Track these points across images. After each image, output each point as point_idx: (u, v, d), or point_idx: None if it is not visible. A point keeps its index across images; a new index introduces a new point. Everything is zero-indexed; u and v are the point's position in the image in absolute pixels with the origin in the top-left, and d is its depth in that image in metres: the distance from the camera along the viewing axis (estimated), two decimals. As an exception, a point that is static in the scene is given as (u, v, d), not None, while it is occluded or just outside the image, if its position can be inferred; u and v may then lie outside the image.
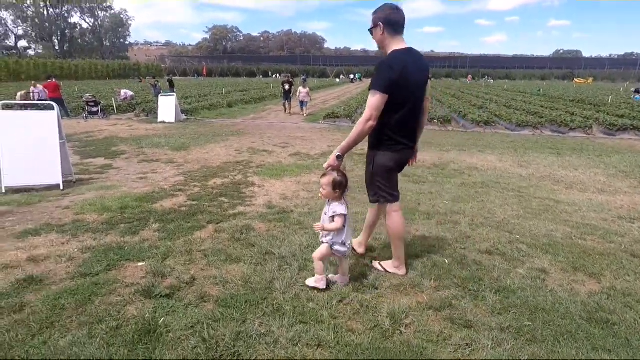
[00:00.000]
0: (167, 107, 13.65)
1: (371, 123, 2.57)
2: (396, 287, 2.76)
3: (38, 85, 14.96)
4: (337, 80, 62.84)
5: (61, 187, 5.30)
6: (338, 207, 2.60)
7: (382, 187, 2.88)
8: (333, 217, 2.60)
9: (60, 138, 5.36)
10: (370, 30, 2.75)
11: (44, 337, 2.08)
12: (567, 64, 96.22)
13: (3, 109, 5.24)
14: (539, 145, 10.37)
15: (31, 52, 74.48)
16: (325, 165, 2.71)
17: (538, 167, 7.39)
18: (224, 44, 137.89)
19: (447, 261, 3.16)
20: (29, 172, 5.18)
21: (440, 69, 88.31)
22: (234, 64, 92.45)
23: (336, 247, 2.63)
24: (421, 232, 3.90)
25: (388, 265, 2.98)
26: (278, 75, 77.94)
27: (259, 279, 2.77)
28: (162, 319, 2.28)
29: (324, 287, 2.64)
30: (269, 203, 4.83)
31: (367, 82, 49.20)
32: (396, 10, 2.65)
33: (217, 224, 4.02)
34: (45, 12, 76.73)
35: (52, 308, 2.34)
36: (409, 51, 2.69)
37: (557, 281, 2.93)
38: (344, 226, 2.60)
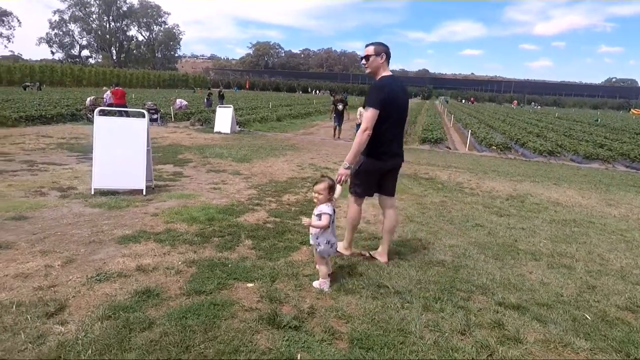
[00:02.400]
0: (224, 118, 13.93)
1: (368, 132, 3.12)
2: (544, 342, 2.43)
3: (108, 91, 15.79)
4: (378, 99, 62.78)
5: (144, 193, 5.35)
6: (325, 208, 2.90)
7: (358, 184, 3.41)
8: (320, 215, 2.89)
9: (147, 145, 5.44)
10: (367, 57, 3.29)
11: (183, 365, 1.93)
12: (621, 93, 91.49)
13: (99, 115, 5.39)
14: (617, 181, 9.64)
15: (91, 61, 79.89)
16: (338, 177, 3.15)
17: (630, 207, 6.78)
18: (266, 59, 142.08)
19: (588, 317, 2.79)
20: (117, 175, 5.27)
21: (483, 92, 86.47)
22: (274, 79, 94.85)
23: (323, 248, 2.90)
24: (536, 275, 3.53)
25: (341, 247, 3.52)
26: (318, 91, 79.07)
27: (386, 318, 2.53)
28: (299, 354, 2.09)
29: (328, 288, 2.89)
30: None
31: (411, 101, 48.84)
32: (389, 49, 3.34)
33: (309, 245, 3.84)
34: (108, 25, 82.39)
35: (181, 329, 2.20)
36: (394, 78, 3.37)
37: None
38: (329, 226, 2.88)
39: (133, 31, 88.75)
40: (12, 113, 14.25)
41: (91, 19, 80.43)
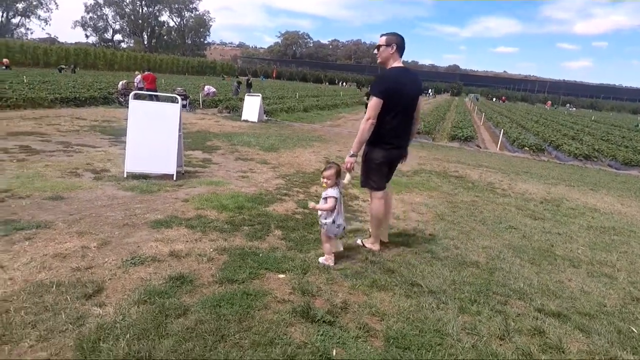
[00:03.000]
0: (252, 106, 13.98)
1: (371, 121, 3.16)
2: (588, 354, 2.31)
3: (138, 75, 16.10)
4: (405, 94, 61.61)
5: (174, 178, 5.41)
6: (332, 191, 3.06)
7: (371, 176, 3.44)
8: (326, 198, 3.06)
9: (179, 130, 5.49)
10: (379, 47, 3.33)
11: (221, 354, 1.92)
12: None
13: (134, 98, 5.47)
14: (659, 189, 9.12)
15: (123, 45, 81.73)
16: (345, 164, 3.22)
17: (675, 217, 6.40)
18: (294, 49, 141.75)
19: (634, 330, 2.64)
20: (149, 160, 5.34)
21: (516, 91, 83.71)
22: (301, 69, 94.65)
23: (329, 228, 3.07)
24: (576, 283, 3.37)
25: (367, 242, 3.59)
26: (345, 83, 78.37)
27: (421, 317, 2.46)
28: (334, 350, 2.05)
29: (332, 264, 3.11)
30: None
31: (440, 97, 47.89)
32: (403, 39, 3.36)
33: (339, 238, 3.79)
34: (140, 10, 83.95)
35: (216, 318, 2.20)
36: (405, 69, 3.37)
37: None
38: (334, 208, 3.03)
39: (164, 17, 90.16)
40: (48, 94, 14.74)
41: (125, 3, 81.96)
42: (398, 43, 3.30)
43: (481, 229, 4.68)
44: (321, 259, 3.17)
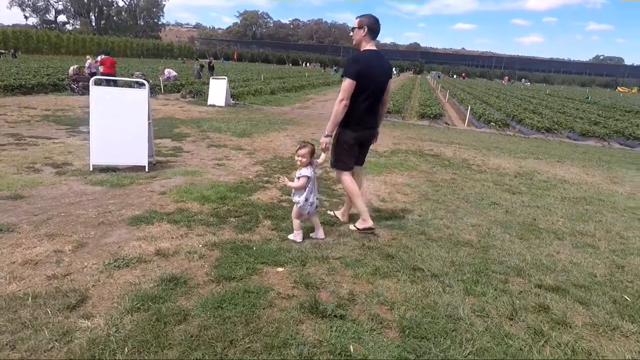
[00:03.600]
0: (218, 90, 13.41)
1: (345, 102, 3.23)
2: (592, 326, 2.35)
3: (89, 60, 14.97)
4: (369, 73, 61.90)
5: (146, 169, 5.06)
6: (305, 171, 3.14)
7: (340, 157, 3.49)
8: (300, 177, 3.14)
9: (148, 118, 5.11)
10: (353, 29, 3.37)
11: (231, 361, 1.77)
12: (608, 71, 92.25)
13: (95, 85, 4.99)
14: (617, 158, 9.68)
15: (69, 27, 75.84)
16: (321, 145, 3.33)
17: (635, 185, 6.79)
18: (254, 29, 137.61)
19: (627, 298, 2.73)
20: (117, 151, 4.95)
21: (474, 67, 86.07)
22: (263, 50, 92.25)
23: (302, 206, 3.14)
24: (564, 255, 3.46)
25: (359, 223, 3.53)
26: (308, 63, 77.29)
27: (430, 303, 2.40)
28: (351, 346, 1.95)
29: (301, 239, 3.20)
30: (371, 204, 4.46)
31: (403, 76, 48.55)
32: (377, 21, 3.35)
33: (331, 225, 3.68)
34: (85, -12, 78.00)
35: (220, 322, 2.03)
36: (377, 53, 3.38)
37: None
38: (306, 186, 3.12)
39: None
40: (-11, 82, 13.43)
41: (68, -19, 75.98)
42: (370, 25, 3.30)
43: (466, 206, 4.72)
44: (290, 236, 3.26)
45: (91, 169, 4.90)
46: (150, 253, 2.80)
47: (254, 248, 3.00)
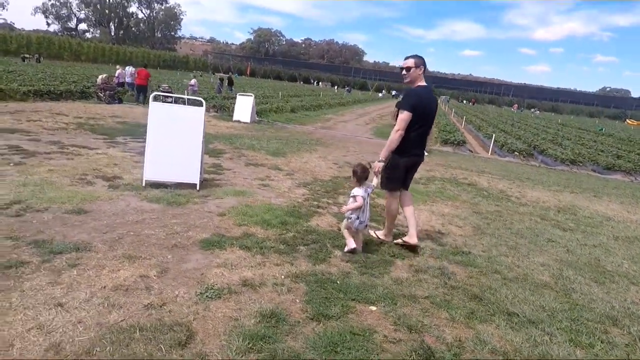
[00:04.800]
0: (244, 107, 13.49)
1: (400, 132, 3.58)
2: None
3: (127, 68, 15.23)
4: (380, 95, 62.57)
5: (197, 188, 5.00)
6: (358, 191, 3.53)
7: (391, 179, 3.82)
8: (355, 197, 3.50)
9: (202, 135, 5.08)
10: (408, 68, 3.72)
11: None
12: (615, 103, 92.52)
13: (154, 100, 4.99)
14: (651, 195, 9.54)
15: (88, 35, 77.46)
16: (374, 169, 3.65)
17: (683, 226, 6.65)
18: (266, 46, 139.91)
19: None
20: (170, 167, 4.90)
21: (483, 94, 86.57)
22: (275, 67, 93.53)
23: (352, 222, 3.49)
24: (649, 303, 3.32)
25: (380, 233, 4.06)
26: (320, 82, 78.15)
27: (542, 353, 2.28)
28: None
29: (354, 246, 3.47)
30: (427, 235, 4.37)
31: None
32: (425, 60, 3.77)
33: (402, 259, 3.58)
34: (107, 0, 79.94)
35: (342, 369, 1.91)
36: (427, 88, 3.81)
37: None
38: (360, 206, 3.46)
39: (133, 8, 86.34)
40: (19, 86, 13.60)
41: (91, -10, 77.86)
42: (424, 64, 3.75)
43: (524, 243, 4.60)
44: (345, 248, 3.52)
45: (144, 184, 4.85)
46: (236, 283, 2.70)
47: (338, 282, 2.89)
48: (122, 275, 2.60)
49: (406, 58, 3.77)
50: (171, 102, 15.15)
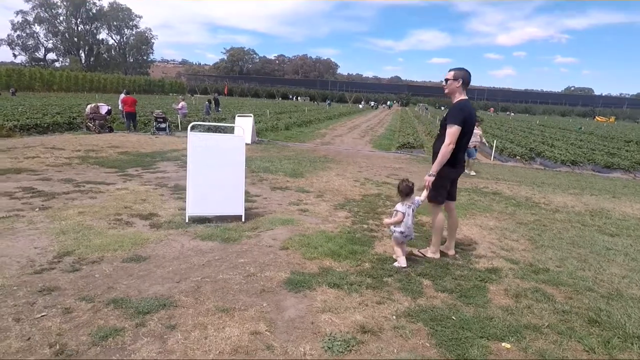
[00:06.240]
0: (245, 127, 13.16)
1: (451, 146, 3.65)
2: None
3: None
4: (360, 106, 63.25)
5: (243, 219, 4.72)
6: (399, 207, 3.66)
7: (439, 191, 3.83)
8: (396, 212, 3.64)
9: (244, 164, 4.82)
10: (447, 80, 3.83)
11: None
12: (582, 101, 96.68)
13: (192, 130, 4.72)
14: (660, 191, 9.77)
15: (57, 65, 75.46)
16: (425, 183, 3.73)
17: None
18: (240, 65, 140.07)
19: None
20: (214, 200, 4.62)
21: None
22: (252, 85, 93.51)
23: (396, 235, 3.62)
24: None
25: (426, 251, 3.99)
26: (298, 97, 78.49)
27: None
28: None
29: (405, 264, 3.58)
30: (493, 252, 4.23)
31: (394, 108, 49.10)
32: (469, 74, 3.84)
33: (491, 282, 3.40)
34: (76, 28, 78.45)
35: None
36: (468, 101, 3.86)
37: None
38: (401, 220, 3.58)
39: (103, 34, 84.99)
40: (4, 122, 12.93)
41: (58, 21, 75.94)
42: (464, 78, 3.77)
43: (586, 253, 4.52)
44: (395, 264, 3.63)
45: (187, 220, 4.54)
46: (353, 330, 2.45)
47: (453, 317, 2.69)
48: (231, 334, 2.32)
49: (449, 70, 3.84)
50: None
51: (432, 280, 3.35)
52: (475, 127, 9.69)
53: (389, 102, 72.03)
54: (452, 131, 3.64)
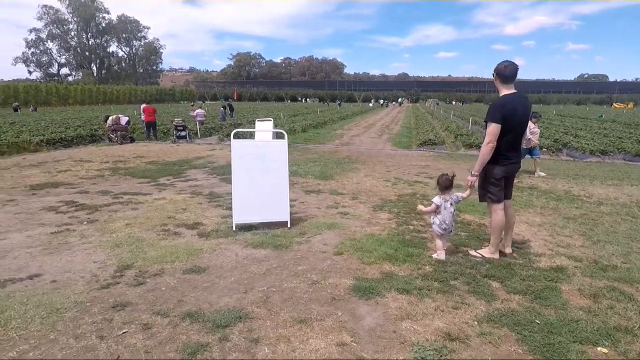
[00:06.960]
0: (267, 131, 13.18)
1: (491, 145, 3.56)
2: None
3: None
4: (370, 104, 63.01)
5: (289, 225, 4.67)
6: (435, 199, 3.74)
7: (490, 190, 3.76)
8: (431, 203, 3.74)
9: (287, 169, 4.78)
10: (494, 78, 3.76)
11: None
12: (597, 88, 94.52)
13: (235, 138, 4.69)
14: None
15: (70, 79, 77.13)
16: (468, 183, 3.70)
17: None
18: (247, 69, 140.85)
19: None
20: (260, 207, 4.58)
21: (469, 93, 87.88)
22: (260, 89, 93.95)
23: (434, 227, 3.71)
24: None
25: (484, 252, 3.86)
26: (307, 99, 78.58)
27: None
28: None
29: (443, 257, 3.66)
30: (551, 250, 4.09)
31: (404, 105, 48.69)
32: (507, 67, 3.63)
33: (561, 282, 3.28)
34: (87, 42, 79.96)
35: None
36: (516, 95, 3.66)
37: None
38: (437, 212, 3.68)
39: (113, 47, 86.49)
40: (32, 137, 13.20)
41: (69, 36, 77.71)
42: (498, 71, 3.65)
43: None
44: (434, 255, 3.72)
45: (234, 228, 4.51)
46: (439, 338, 2.37)
47: (537, 321, 2.58)
48: (317, 346, 2.26)
49: None
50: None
51: (500, 282, 3.24)
52: (532, 123, 9.19)
53: (399, 99, 71.83)
54: (491, 129, 3.54)
